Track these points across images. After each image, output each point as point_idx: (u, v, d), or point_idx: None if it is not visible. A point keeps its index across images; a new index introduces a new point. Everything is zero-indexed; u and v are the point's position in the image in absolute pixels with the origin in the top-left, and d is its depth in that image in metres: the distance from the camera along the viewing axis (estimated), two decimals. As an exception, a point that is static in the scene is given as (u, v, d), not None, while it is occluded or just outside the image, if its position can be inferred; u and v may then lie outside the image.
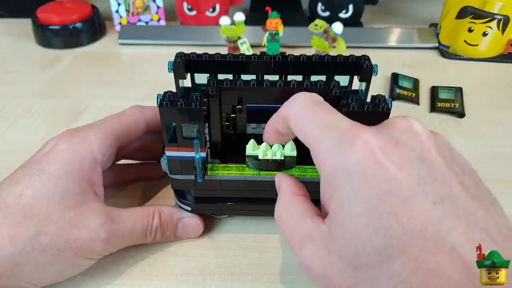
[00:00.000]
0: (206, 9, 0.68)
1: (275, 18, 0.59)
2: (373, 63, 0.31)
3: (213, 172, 0.32)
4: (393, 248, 0.19)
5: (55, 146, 0.30)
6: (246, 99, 0.30)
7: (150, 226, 0.32)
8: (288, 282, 0.32)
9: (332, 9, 0.68)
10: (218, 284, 0.32)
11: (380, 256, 0.20)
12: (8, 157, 0.44)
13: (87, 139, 0.31)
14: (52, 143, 0.31)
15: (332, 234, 0.22)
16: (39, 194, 0.28)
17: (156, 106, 0.28)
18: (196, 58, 0.31)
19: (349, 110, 0.27)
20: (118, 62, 0.63)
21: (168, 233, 0.33)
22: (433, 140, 0.23)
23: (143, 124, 0.34)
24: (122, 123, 0.33)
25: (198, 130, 0.29)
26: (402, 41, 0.66)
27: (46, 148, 0.31)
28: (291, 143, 0.31)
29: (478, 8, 0.58)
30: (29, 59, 0.63)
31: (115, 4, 0.66)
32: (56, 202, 0.28)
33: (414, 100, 0.52)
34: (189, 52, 0.32)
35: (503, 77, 0.59)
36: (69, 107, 0.52)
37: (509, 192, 0.40)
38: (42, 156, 0.30)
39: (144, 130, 0.35)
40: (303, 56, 0.31)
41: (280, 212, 0.26)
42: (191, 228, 0.35)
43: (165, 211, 0.33)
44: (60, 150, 0.30)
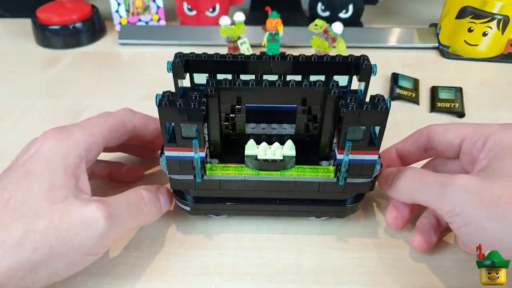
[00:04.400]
0: (206, 9, 0.68)
1: (275, 18, 0.59)
2: (372, 63, 0.31)
3: (212, 172, 0.32)
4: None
5: (40, 147, 0.30)
6: (245, 99, 0.30)
7: (142, 198, 0.31)
8: (288, 282, 0.32)
9: (332, 9, 0.68)
10: (218, 284, 0.32)
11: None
12: (8, 157, 0.44)
13: (73, 135, 0.31)
14: (36, 145, 0.30)
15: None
16: (26, 195, 0.27)
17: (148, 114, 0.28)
18: (195, 58, 0.31)
19: (348, 110, 0.27)
20: (118, 62, 0.63)
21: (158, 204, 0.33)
22: None
23: (131, 127, 0.35)
24: (109, 123, 0.33)
25: (197, 130, 0.29)
26: (402, 41, 0.66)
27: (31, 150, 0.30)
28: (290, 142, 0.31)
29: (478, 8, 0.58)
30: (29, 59, 0.63)
31: (115, 4, 0.66)
32: (42, 198, 0.27)
33: (414, 100, 0.52)
34: (189, 52, 0.32)
35: (503, 77, 0.59)
36: (69, 107, 0.52)
37: (509, 192, 0.40)
38: (27, 160, 0.29)
39: (131, 133, 0.35)
40: (302, 56, 0.31)
41: (413, 174, 0.32)
42: (167, 197, 0.34)
43: (146, 187, 0.33)
44: (44, 149, 0.30)
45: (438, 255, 0.34)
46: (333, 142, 0.32)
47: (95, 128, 0.32)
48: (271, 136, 0.33)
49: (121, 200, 0.30)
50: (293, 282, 0.32)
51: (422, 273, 0.33)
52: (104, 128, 0.33)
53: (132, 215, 0.31)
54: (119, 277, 0.32)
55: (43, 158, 0.29)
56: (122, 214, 0.30)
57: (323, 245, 0.35)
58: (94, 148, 0.32)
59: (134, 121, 0.35)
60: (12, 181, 0.28)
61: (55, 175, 0.29)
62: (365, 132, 0.29)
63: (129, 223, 0.31)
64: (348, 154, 0.29)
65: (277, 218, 0.37)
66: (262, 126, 0.36)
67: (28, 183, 0.28)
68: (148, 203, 0.32)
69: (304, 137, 0.33)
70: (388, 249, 0.35)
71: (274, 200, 0.34)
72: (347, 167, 0.30)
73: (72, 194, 0.29)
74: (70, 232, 0.27)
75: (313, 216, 0.36)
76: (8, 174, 0.29)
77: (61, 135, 0.31)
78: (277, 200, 0.34)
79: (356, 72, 0.31)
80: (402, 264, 0.33)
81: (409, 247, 0.35)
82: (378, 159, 0.31)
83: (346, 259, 0.34)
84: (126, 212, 0.30)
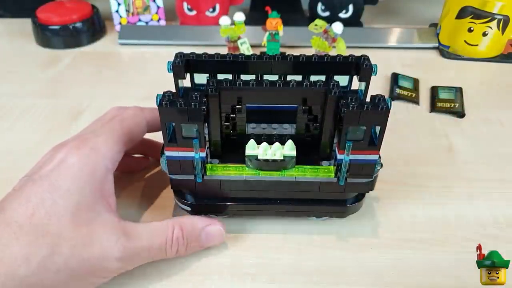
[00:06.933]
0: (206, 9, 0.68)
1: (275, 18, 0.59)
2: (372, 63, 0.31)
3: (213, 172, 0.32)
4: None
5: (65, 159, 0.29)
6: (246, 99, 0.30)
7: (170, 240, 0.30)
8: (288, 282, 0.32)
9: (332, 9, 0.68)
10: (218, 284, 0.32)
11: None
12: (8, 157, 0.44)
13: (98, 149, 0.30)
14: (60, 156, 0.29)
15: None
16: (51, 212, 0.27)
17: (155, 106, 0.28)
18: (195, 58, 0.31)
19: (349, 110, 0.27)
20: (118, 62, 0.63)
21: (193, 245, 0.32)
22: None
23: (144, 125, 0.34)
24: (126, 127, 0.33)
25: (197, 130, 0.29)
26: (402, 41, 0.66)
27: (55, 160, 0.29)
28: (291, 142, 0.31)
29: (478, 8, 0.58)
30: (29, 59, 0.63)
31: (115, 4, 0.66)
32: (68, 219, 0.27)
33: (414, 100, 0.52)
34: (189, 52, 0.32)
35: (503, 77, 0.59)
36: (69, 107, 0.52)
37: (509, 192, 0.40)
38: (51, 171, 0.28)
39: (145, 131, 0.35)
40: (302, 56, 0.31)
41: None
42: (215, 236, 0.33)
43: (187, 222, 0.32)
44: (70, 164, 0.29)
45: (438, 255, 0.34)
46: (334, 142, 0.32)
47: (115, 136, 0.32)
48: (271, 136, 0.33)
49: (145, 236, 0.30)
50: (293, 282, 0.32)
51: (422, 273, 0.33)
52: (123, 133, 0.32)
53: (151, 256, 0.30)
54: (119, 277, 0.32)
55: (69, 174, 0.28)
56: (140, 254, 0.30)
57: (323, 245, 0.35)
58: (118, 157, 0.32)
59: (146, 118, 0.34)
60: (36, 195, 0.27)
61: (81, 195, 0.28)
62: (365, 132, 0.29)
63: (148, 259, 0.31)
64: (349, 154, 0.29)
65: (277, 218, 0.37)
66: (262, 126, 0.36)
67: (53, 200, 0.27)
68: (174, 245, 0.31)
69: (304, 137, 0.33)
70: (388, 249, 0.35)
71: (275, 200, 0.34)
72: (347, 167, 0.30)
73: (98, 215, 0.28)
74: (90, 261, 0.27)
75: (314, 216, 0.36)
76: (32, 184, 0.28)
77: (86, 148, 0.30)
78: (277, 200, 0.34)
79: (357, 72, 0.31)
80: (402, 264, 0.33)
81: (409, 247, 0.35)
82: (378, 159, 0.31)
83: (346, 259, 0.34)
84: (145, 253, 0.30)
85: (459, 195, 0.40)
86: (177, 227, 0.31)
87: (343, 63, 0.31)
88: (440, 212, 0.38)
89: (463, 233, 0.36)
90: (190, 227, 0.32)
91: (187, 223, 0.32)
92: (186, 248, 0.32)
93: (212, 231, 0.33)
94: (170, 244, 0.31)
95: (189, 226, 0.32)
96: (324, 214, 0.36)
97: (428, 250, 0.34)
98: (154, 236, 0.30)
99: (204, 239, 0.33)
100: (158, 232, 0.30)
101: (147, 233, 0.30)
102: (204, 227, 0.33)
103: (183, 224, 0.32)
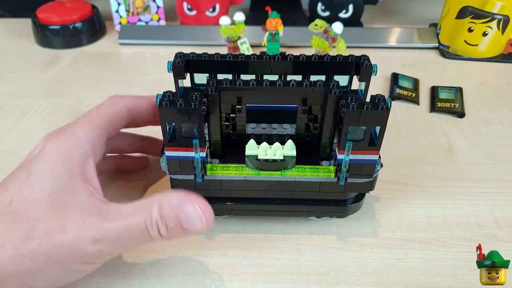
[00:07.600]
0: (206, 9, 0.68)
1: (275, 18, 0.59)
2: (372, 63, 0.31)
3: (213, 172, 0.32)
4: None
5: (43, 147, 0.29)
6: (246, 99, 0.30)
7: (150, 219, 0.27)
8: (288, 282, 0.32)
9: (332, 9, 0.68)
10: (218, 284, 0.32)
11: None
12: (8, 157, 0.44)
13: (74, 133, 0.30)
14: (40, 146, 0.30)
15: None
16: (28, 198, 0.26)
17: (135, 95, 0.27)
18: (195, 58, 0.31)
19: (349, 109, 0.27)
20: (118, 62, 0.63)
21: (172, 226, 0.27)
22: None
23: (125, 112, 0.34)
24: (106, 113, 0.33)
25: (197, 130, 0.29)
26: (402, 41, 0.66)
27: (35, 151, 0.30)
28: (291, 142, 0.31)
29: (478, 8, 0.58)
30: (29, 59, 0.63)
31: (115, 4, 0.66)
32: (44, 203, 0.26)
33: (414, 100, 0.52)
34: (189, 52, 0.32)
35: (503, 77, 0.59)
36: (69, 107, 0.52)
37: (509, 192, 0.40)
38: (29, 160, 0.29)
39: (127, 118, 0.34)
40: (302, 56, 0.31)
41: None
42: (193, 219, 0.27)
43: (168, 198, 0.27)
44: (47, 150, 0.29)
45: (438, 255, 0.34)
46: (334, 142, 0.32)
47: (93, 121, 0.31)
48: (271, 136, 0.33)
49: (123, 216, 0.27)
50: (293, 282, 0.32)
51: (422, 273, 0.33)
52: (101, 118, 0.32)
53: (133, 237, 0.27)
54: (119, 277, 0.32)
55: (46, 160, 0.28)
56: (120, 236, 0.27)
57: (323, 245, 0.35)
58: (98, 141, 0.31)
59: (126, 104, 0.34)
60: (14, 183, 0.27)
61: (59, 179, 0.28)
62: (365, 132, 0.29)
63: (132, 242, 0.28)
64: (349, 154, 0.29)
65: (277, 218, 0.37)
66: (262, 126, 0.36)
67: (31, 186, 0.27)
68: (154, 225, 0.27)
69: (304, 137, 0.33)
70: (388, 249, 0.35)
71: (275, 200, 0.34)
72: (347, 167, 0.30)
73: (75, 199, 0.28)
74: (65, 243, 0.26)
75: (314, 216, 0.36)
76: (11, 175, 0.28)
77: (63, 134, 0.30)
78: (277, 200, 0.34)
79: (357, 72, 0.31)
80: (402, 264, 0.33)
81: (409, 247, 0.35)
82: (378, 159, 0.31)
83: (346, 259, 0.34)
84: (125, 234, 0.27)
85: (459, 195, 0.40)
86: (156, 204, 0.27)
87: (343, 63, 0.31)
88: (440, 212, 0.38)
89: (463, 233, 0.36)
90: (168, 204, 0.27)
91: (167, 199, 0.27)
92: (166, 229, 0.27)
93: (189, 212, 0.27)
94: (150, 223, 0.27)
95: (168, 203, 0.27)
96: (324, 214, 0.36)
97: (428, 250, 0.34)
98: (134, 214, 0.27)
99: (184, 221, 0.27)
100: (138, 210, 0.27)
101: (127, 212, 0.27)
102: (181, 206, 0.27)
103: (164, 200, 0.27)
